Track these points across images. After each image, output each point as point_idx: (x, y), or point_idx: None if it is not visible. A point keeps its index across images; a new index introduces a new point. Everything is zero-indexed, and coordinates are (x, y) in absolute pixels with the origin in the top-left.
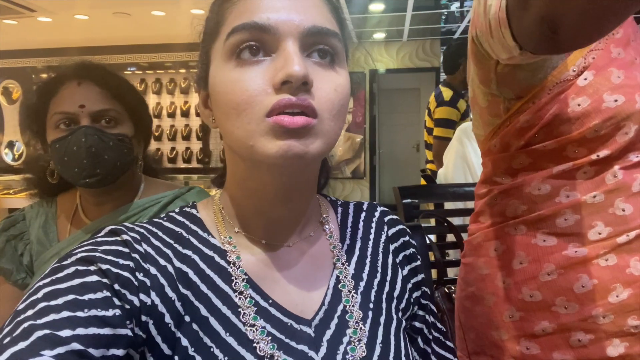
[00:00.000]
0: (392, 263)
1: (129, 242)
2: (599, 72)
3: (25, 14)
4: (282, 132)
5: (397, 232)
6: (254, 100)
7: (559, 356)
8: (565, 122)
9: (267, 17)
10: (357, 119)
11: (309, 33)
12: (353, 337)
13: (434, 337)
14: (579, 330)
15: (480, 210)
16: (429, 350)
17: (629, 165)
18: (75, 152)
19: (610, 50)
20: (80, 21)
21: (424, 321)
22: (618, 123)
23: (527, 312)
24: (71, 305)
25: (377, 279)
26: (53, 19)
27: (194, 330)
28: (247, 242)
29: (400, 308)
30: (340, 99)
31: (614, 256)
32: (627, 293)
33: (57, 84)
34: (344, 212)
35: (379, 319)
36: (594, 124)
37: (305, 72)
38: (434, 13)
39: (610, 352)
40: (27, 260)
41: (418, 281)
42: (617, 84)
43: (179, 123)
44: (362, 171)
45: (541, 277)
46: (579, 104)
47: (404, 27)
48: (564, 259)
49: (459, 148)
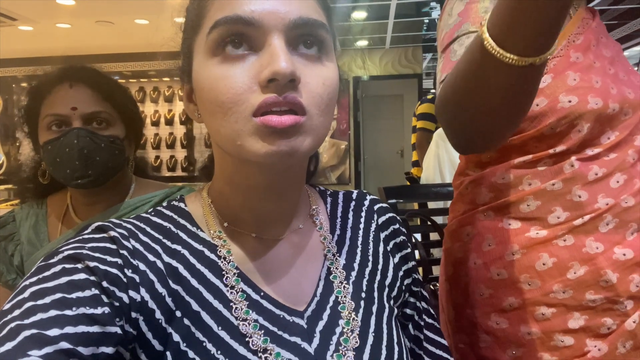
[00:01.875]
0: (382, 251)
1: (116, 238)
2: (557, 76)
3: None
4: (270, 133)
5: (387, 220)
6: (239, 99)
7: (526, 329)
8: (525, 120)
9: (251, 9)
10: (341, 126)
11: (295, 25)
12: (346, 328)
13: (426, 323)
14: (542, 305)
15: (455, 200)
16: (421, 337)
17: (584, 158)
18: (68, 153)
19: (569, 56)
20: (63, 30)
21: (414, 308)
22: (572, 121)
23: (496, 290)
24: (59, 304)
25: (368, 268)
26: (34, 27)
27: (185, 325)
28: (237, 236)
29: (392, 296)
30: (328, 92)
31: (571, 237)
32: (583, 270)
33: (49, 86)
34: (334, 202)
35: (371, 308)
36: (550, 122)
37: (292, 69)
38: (416, 21)
39: (571, 325)
40: (17, 261)
41: (409, 268)
42: (572, 85)
43: (163, 131)
44: (347, 177)
45: (507, 256)
46: (537, 104)
47: (386, 35)
48: (526, 240)
49: (436, 151)
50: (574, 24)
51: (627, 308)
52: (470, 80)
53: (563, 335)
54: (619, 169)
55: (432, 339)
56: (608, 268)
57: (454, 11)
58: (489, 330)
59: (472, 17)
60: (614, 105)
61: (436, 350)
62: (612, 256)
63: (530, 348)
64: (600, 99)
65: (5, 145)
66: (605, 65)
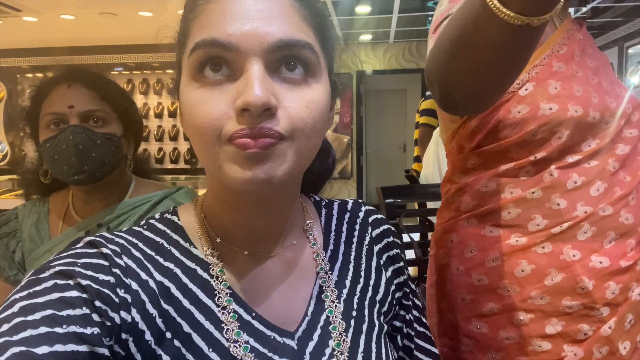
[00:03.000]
0: (375, 265)
1: (109, 255)
2: (539, 84)
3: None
4: (246, 158)
5: (381, 233)
6: (214, 124)
7: (505, 334)
8: (507, 126)
9: (228, 33)
10: (344, 120)
11: (275, 48)
12: (336, 350)
13: (417, 332)
14: (521, 310)
15: (441, 207)
16: (412, 346)
17: (564, 165)
18: (64, 150)
19: (551, 65)
20: (66, 21)
21: (404, 320)
22: (552, 128)
23: (477, 295)
24: (49, 321)
25: (360, 284)
26: (39, 18)
27: (175, 346)
28: (229, 253)
29: (382, 312)
30: (313, 115)
31: (549, 244)
32: (560, 277)
33: (49, 87)
34: (328, 214)
35: (361, 327)
36: (531, 128)
37: (265, 99)
38: (420, 15)
39: (549, 330)
40: (19, 257)
41: (400, 282)
42: (553, 94)
43: (167, 124)
44: (349, 171)
45: (487, 263)
46: (519, 111)
47: (390, 29)
48: (507, 247)
49: (435, 150)
50: (558, 35)
51: (603, 315)
52: (464, 32)
53: (541, 340)
54: (599, 177)
55: (423, 347)
56: (584, 275)
57: (444, 1)
58: (470, 334)
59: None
60: (594, 114)
61: (426, 358)
62: (588, 264)
63: (508, 352)
64: (580, 107)
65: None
66: (588, 75)
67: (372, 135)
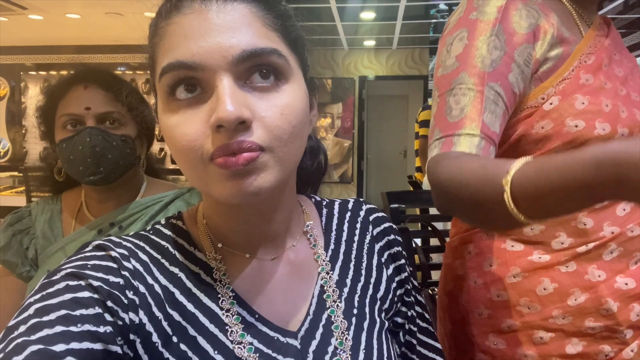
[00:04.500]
0: (376, 263)
1: (117, 258)
2: (565, 98)
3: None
4: (228, 176)
5: (383, 231)
6: (194, 145)
7: (523, 352)
8: (530, 142)
9: (192, 53)
10: (345, 124)
11: (240, 59)
12: (339, 349)
13: (419, 327)
14: (541, 329)
15: None
16: (414, 341)
17: None
18: (81, 151)
19: (579, 77)
20: (72, 20)
21: (406, 317)
22: (578, 147)
23: (495, 310)
24: (64, 320)
25: (360, 283)
26: (44, 17)
27: (182, 350)
28: (231, 257)
29: (384, 309)
30: (289, 121)
31: (573, 264)
32: (584, 297)
33: (65, 88)
34: (329, 214)
35: (362, 324)
36: (555, 146)
37: (237, 113)
38: (423, 23)
39: (569, 350)
40: (32, 254)
41: (402, 279)
42: (580, 109)
43: None
44: (349, 176)
45: (507, 278)
46: (542, 126)
47: (393, 36)
48: (528, 263)
49: None
50: (585, 43)
51: (627, 337)
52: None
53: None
54: None
55: (426, 342)
56: (609, 297)
57: (452, 52)
58: (486, 350)
59: (470, 66)
60: (622, 130)
61: (429, 353)
62: (614, 285)
63: None
64: (608, 124)
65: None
66: (616, 86)
67: (373, 140)
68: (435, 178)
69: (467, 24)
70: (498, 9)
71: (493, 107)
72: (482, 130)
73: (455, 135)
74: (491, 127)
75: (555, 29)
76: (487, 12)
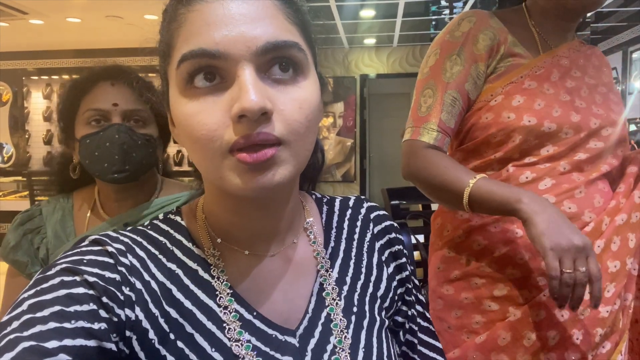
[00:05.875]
0: (377, 262)
1: (114, 254)
2: (506, 97)
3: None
4: (247, 170)
5: (383, 229)
6: (214, 135)
7: (464, 295)
8: (478, 129)
9: (216, 41)
10: (347, 123)
11: (264, 51)
12: (338, 347)
13: (420, 327)
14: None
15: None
16: (415, 341)
17: (520, 164)
18: (107, 147)
19: (524, 83)
20: (73, 24)
21: (406, 316)
22: (508, 133)
23: (447, 264)
24: (57, 317)
25: (360, 281)
26: (45, 21)
27: (179, 347)
28: (230, 253)
29: (384, 307)
30: (306, 115)
31: (500, 224)
32: (505, 249)
33: (91, 83)
34: (329, 211)
35: (362, 322)
36: (492, 132)
37: (262, 104)
38: (424, 20)
39: (496, 293)
40: (42, 253)
41: (402, 278)
42: (515, 105)
43: None
44: (352, 175)
45: (455, 239)
46: (487, 117)
47: (394, 33)
48: (468, 226)
49: None
50: (540, 59)
51: (540, 284)
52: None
53: (490, 301)
54: (549, 175)
55: (427, 342)
56: (523, 249)
57: (428, 63)
58: (441, 296)
59: (437, 76)
60: (550, 125)
61: (430, 352)
62: (527, 240)
63: (467, 310)
64: (535, 118)
65: (14, 137)
66: (559, 92)
67: (375, 138)
68: (410, 163)
69: (441, 43)
70: (463, 34)
71: (450, 108)
72: (439, 125)
73: (422, 128)
74: (447, 123)
75: (506, 47)
76: (456, 36)
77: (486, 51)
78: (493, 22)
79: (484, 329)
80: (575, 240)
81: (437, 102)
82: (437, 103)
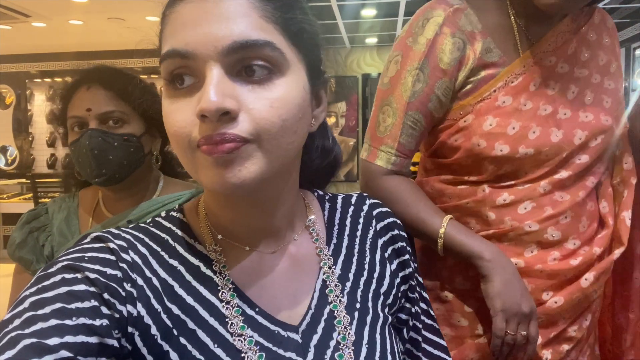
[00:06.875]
0: (380, 258)
1: (115, 250)
2: (477, 117)
3: (20, 19)
4: (213, 163)
5: (386, 226)
6: (183, 132)
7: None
8: (446, 149)
9: (186, 41)
10: (350, 123)
11: (231, 51)
12: (341, 344)
13: (424, 325)
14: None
15: None
16: (419, 338)
17: (497, 186)
18: (84, 154)
19: (496, 99)
20: (75, 26)
21: (409, 313)
22: (479, 161)
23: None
24: (59, 314)
25: (363, 277)
26: (47, 24)
27: (182, 343)
28: (232, 249)
29: (387, 304)
30: (279, 114)
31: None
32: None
33: (72, 90)
34: (332, 208)
35: (365, 318)
36: (462, 156)
37: (218, 105)
38: None
39: (467, 309)
40: (48, 251)
41: (406, 275)
42: (486, 131)
43: None
44: (355, 174)
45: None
46: (456, 139)
47: (395, 32)
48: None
49: None
50: (519, 64)
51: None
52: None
53: (461, 317)
54: (529, 197)
55: (431, 339)
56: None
57: (389, 72)
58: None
59: (396, 92)
60: (526, 151)
61: (434, 350)
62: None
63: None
64: (507, 147)
65: (18, 140)
66: (538, 106)
67: None
68: (369, 187)
69: (403, 48)
70: (426, 42)
71: (410, 131)
72: (398, 148)
73: (379, 150)
74: (406, 146)
75: (477, 58)
76: (419, 43)
77: (454, 65)
78: (464, 20)
79: (453, 345)
80: (524, 307)
81: (396, 123)
82: (396, 125)
